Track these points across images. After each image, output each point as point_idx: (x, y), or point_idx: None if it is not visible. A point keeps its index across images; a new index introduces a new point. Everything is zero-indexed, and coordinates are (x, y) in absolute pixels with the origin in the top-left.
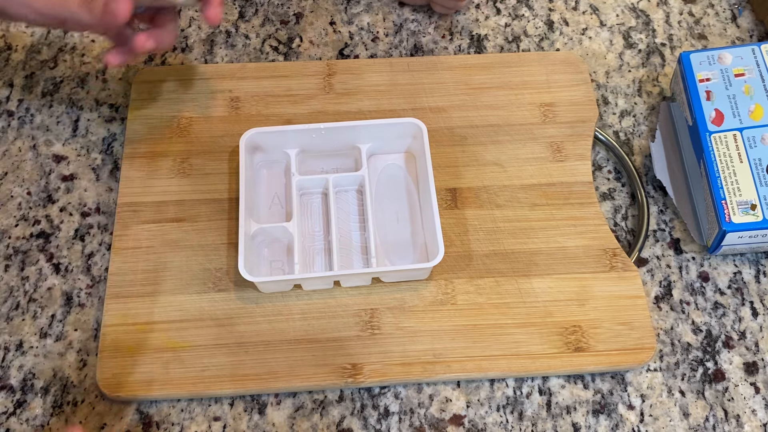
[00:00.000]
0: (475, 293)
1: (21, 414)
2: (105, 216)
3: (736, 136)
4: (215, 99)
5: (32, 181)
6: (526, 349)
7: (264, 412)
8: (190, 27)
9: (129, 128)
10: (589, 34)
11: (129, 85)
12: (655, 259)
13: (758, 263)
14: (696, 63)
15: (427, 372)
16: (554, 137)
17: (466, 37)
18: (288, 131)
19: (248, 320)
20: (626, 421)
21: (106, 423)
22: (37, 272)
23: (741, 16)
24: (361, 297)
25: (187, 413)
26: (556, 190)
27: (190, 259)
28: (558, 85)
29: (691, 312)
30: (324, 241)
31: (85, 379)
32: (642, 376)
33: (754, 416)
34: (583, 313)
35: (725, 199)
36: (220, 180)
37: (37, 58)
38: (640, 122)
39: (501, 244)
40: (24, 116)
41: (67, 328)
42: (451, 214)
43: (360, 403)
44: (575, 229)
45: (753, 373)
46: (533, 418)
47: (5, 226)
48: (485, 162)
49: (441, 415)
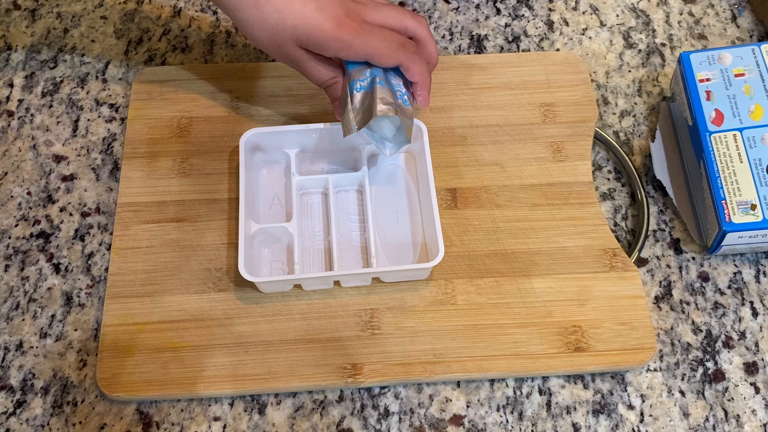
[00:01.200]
0: (475, 293)
1: (21, 414)
2: (105, 216)
3: (736, 136)
4: (215, 99)
5: (32, 181)
6: (526, 349)
7: (264, 412)
8: (190, 27)
9: (129, 128)
10: (589, 34)
11: (129, 85)
12: (655, 259)
13: (758, 263)
14: (696, 63)
15: (427, 372)
16: (554, 137)
17: (466, 37)
18: (288, 131)
19: (248, 320)
20: (626, 421)
21: (106, 423)
22: (37, 272)
23: (741, 16)
24: (361, 297)
25: (187, 413)
26: (556, 190)
27: (190, 259)
28: (558, 85)
29: (691, 312)
30: (324, 241)
31: (85, 379)
32: (642, 376)
33: (754, 416)
34: (583, 313)
35: (725, 199)
36: (220, 180)
37: (37, 58)
38: (640, 122)
39: (501, 244)
40: (24, 116)
41: (67, 328)
42: (451, 214)
43: (360, 403)
44: (575, 229)
45: (753, 373)
46: (533, 418)
47: (5, 226)
48: (485, 162)
49: (441, 415)
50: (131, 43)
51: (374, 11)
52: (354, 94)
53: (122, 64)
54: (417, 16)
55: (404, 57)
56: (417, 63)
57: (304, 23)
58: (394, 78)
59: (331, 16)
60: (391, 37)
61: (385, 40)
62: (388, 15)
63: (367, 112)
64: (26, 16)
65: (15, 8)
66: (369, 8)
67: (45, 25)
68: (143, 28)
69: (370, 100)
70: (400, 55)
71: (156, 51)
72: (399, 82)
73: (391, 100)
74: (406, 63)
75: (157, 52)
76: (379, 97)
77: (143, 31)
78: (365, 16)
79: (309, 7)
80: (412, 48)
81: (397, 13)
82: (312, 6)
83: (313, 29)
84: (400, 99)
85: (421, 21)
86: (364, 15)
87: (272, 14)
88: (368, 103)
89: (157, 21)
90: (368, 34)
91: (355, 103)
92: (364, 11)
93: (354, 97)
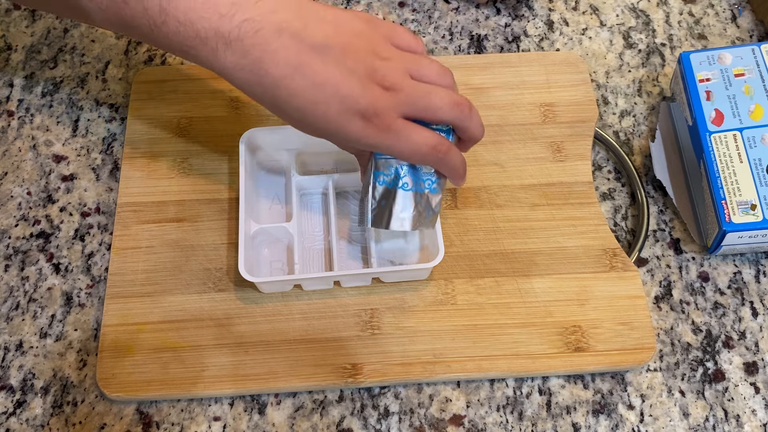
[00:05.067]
0: (475, 293)
1: (21, 414)
2: (105, 216)
3: (736, 136)
4: (215, 99)
5: (32, 181)
6: (526, 349)
7: (264, 412)
8: None
9: (129, 128)
10: (589, 34)
11: (129, 85)
12: (655, 259)
13: (758, 263)
14: (696, 63)
15: (427, 372)
16: (554, 137)
17: (466, 37)
18: (288, 131)
19: (248, 320)
20: (626, 421)
21: (106, 423)
22: (37, 272)
23: (741, 16)
24: (361, 297)
25: (187, 413)
26: (556, 190)
27: (190, 259)
28: (558, 85)
29: (691, 312)
30: (324, 241)
31: (85, 379)
32: (642, 376)
33: (754, 416)
34: (583, 313)
35: (725, 199)
36: (220, 180)
37: (37, 58)
38: (640, 122)
39: (501, 244)
40: (24, 116)
41: (67, 328)
42: (451, 214)
43: (360, 403)
44: (575, 229)
45: (753, 373)
46: (533, 418)
47: (5, 226)
48: (485, 162)
49: (441, 415)
50: (131, 43)
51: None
52: (376, 186)
53: (122, 64)
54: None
55: (434, 161)
56: (448, 165)
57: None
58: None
59: (356, 116)
60: (421, 141)
61: (413, 146)
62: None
63: (383, 213)
64: (26, 16)
65: (15, 8)
66: (402, 98)
67: (45, 25)
68: None
69: (389, 204)
70: (429, 160)
71: (156, 51)
72: (430, 170)
73: (411, 209)
74: (437, 167)
75: (157, 52)
76: (397, 208)
77: None
78: (396, 110)
79: (333, 111)
80: (445, 148)
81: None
82: (336, 106)
83: (337, 130)
84: (428, 189)
85: (461, 106)
86: (395, 109)
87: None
88: (386, 204)
89: None
90: (395, 137)
91: (376, 196)
92: (395, 102)
93: (376, 189)
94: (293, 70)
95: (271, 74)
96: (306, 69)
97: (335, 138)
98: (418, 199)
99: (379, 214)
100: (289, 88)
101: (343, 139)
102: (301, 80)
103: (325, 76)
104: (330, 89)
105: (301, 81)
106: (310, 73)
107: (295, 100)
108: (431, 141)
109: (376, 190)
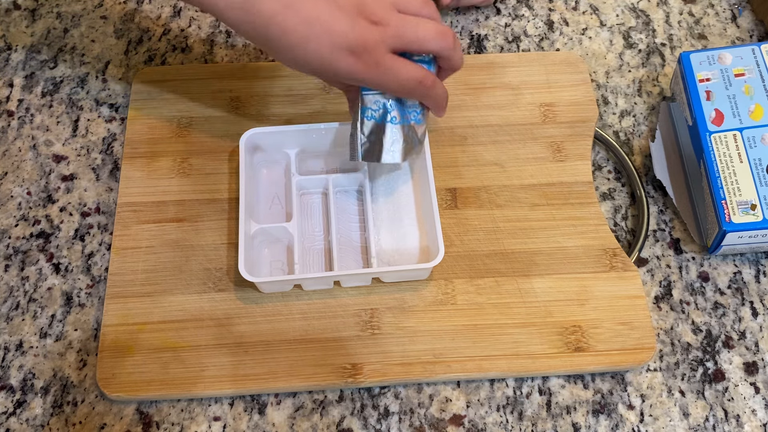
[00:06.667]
0: (475, 293)
1: (21, 414)
2: (105, 216)
3: (736, 136)
4: (215, 99)
5: (32, 181)
6: (526, 349)
7: (264, 412)
8: (190, 27)
9: (129, 128)
10: (589, 34)
11: (129, 85)
12: (655, 259)
13: (758, 263)
14: (696, 63)
15: (427, 372)
16: (554, 137)
17: (466, 37)
18: (288, 131)
19: (248, 320)
20: (626, 421)
21: (106, 423)
22: (37, 272)
23: (741, 16)
24: (361, 297)
25: (187, 413)
26: (556, 190)
27: (190, 259)
28: (558, 85)
29: (691, 312)
30: (324, 241)
31: (85, 379)
32: (642, 376)
33: (754, 416)
34: (583, 313)
35: (725, 199)
36: (220, 180)
37: (37, 58)
38: (640, 122)
39: (501, 244)
40: (24, 116)
41: (67, 328)
42: (451, 214)
43: (360, 403)
44: (575, 229)
45: (753, 373)
46: (533, 418)
47: (5, 226)
48: (485, 162)
49: (441, 415)
50: (131, 43)
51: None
52: (364, 121)
53: (122, 64)
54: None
55: (420, 95)
56: (432, 98)
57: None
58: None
59: (345, 52)
60: (407, 75)
61: (401, 80)
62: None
63: (373, 148)
64: (26, 16)
65: (15, 8)
66: (390, 31)
67: (45, 25)
68: (143, 28)
69: (378, 138)
70: (415, 94)
71: (156, 51)
72: (414, 101)
73: (400, 142)
74: (421, 100)
75: (157, 52)
76: (387, 142)
77: (143, 31)
78: (385, 45)
79: (324, 47)
80: (430, 82)
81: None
82: (327, 43)
83: (327, 67)
84: (414, 120)
85: (446, 36)
86: (383, 44)
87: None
88: (376, 138)
89: (157, 21)
90: (384, 73)
91: (365, 131)
92: (383, 36)
93: (364, 125)
94: (284, 8)
95: (263, 12)
96: (296, 6)
97: (325, 75)
98: (406, 131)
99: (370, 148)
100: (281, 25)
101: (333, 76)
102: (292, 17)
103: (315, 12)
104: (320, 26)
105: (293, 18)
106: (300, 10)
107: (287, 37)
108: (418, 75)
109: (364, 125)
